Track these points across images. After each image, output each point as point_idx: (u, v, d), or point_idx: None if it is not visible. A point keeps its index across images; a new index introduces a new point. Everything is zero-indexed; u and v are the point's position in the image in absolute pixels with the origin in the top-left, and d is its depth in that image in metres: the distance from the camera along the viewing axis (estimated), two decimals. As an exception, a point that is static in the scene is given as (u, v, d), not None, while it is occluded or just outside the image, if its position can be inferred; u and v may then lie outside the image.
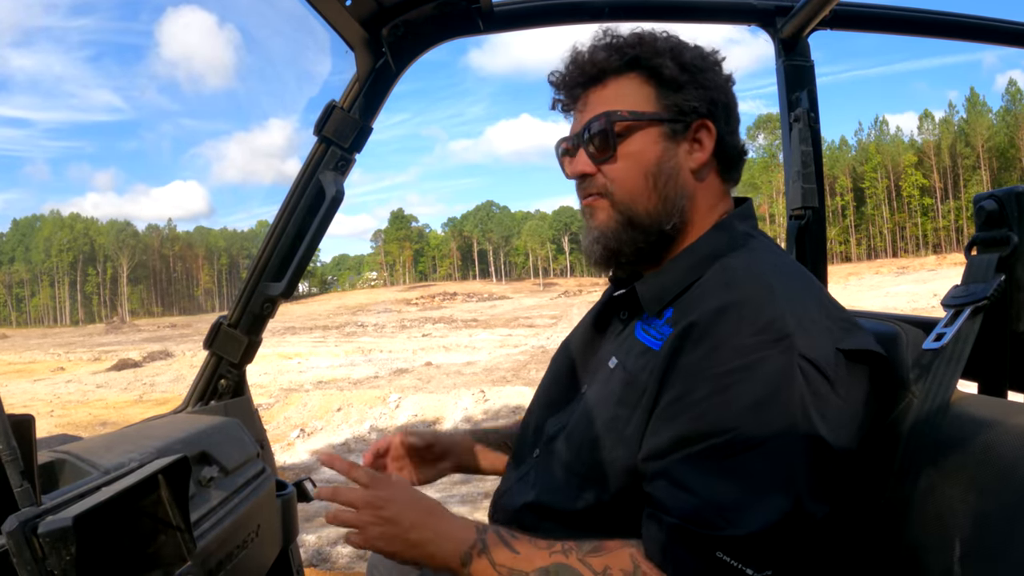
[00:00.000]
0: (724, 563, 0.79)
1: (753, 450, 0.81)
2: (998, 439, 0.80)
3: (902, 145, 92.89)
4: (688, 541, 0.81)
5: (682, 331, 0.90)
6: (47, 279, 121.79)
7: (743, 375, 0.83)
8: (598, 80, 1.03)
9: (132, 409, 11.68)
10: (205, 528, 1.22)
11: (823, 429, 0.82)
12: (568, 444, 1.02)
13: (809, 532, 0.82)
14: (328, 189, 1.57)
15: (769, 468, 0.81)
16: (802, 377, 0.82)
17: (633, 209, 1.00)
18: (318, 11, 1.37)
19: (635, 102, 1.00)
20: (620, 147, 1.00)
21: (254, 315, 1.69)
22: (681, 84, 1.00)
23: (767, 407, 0.81)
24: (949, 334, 0.96)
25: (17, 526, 0.67)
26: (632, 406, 0.93)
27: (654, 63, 1.00)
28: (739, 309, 0.87)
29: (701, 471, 0.83)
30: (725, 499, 0.81)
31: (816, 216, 1.61)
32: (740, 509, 0.80)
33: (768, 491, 0.80)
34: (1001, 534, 0.75)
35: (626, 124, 0.99)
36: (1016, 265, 0.98)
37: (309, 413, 9.10)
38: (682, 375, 0.88)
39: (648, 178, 1.00)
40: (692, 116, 1.00)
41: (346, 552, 4.27)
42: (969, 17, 1.74)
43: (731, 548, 0.79)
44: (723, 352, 0.85)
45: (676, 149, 1.01)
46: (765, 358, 0.83)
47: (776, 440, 0.81)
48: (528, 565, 0.88)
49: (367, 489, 0.95)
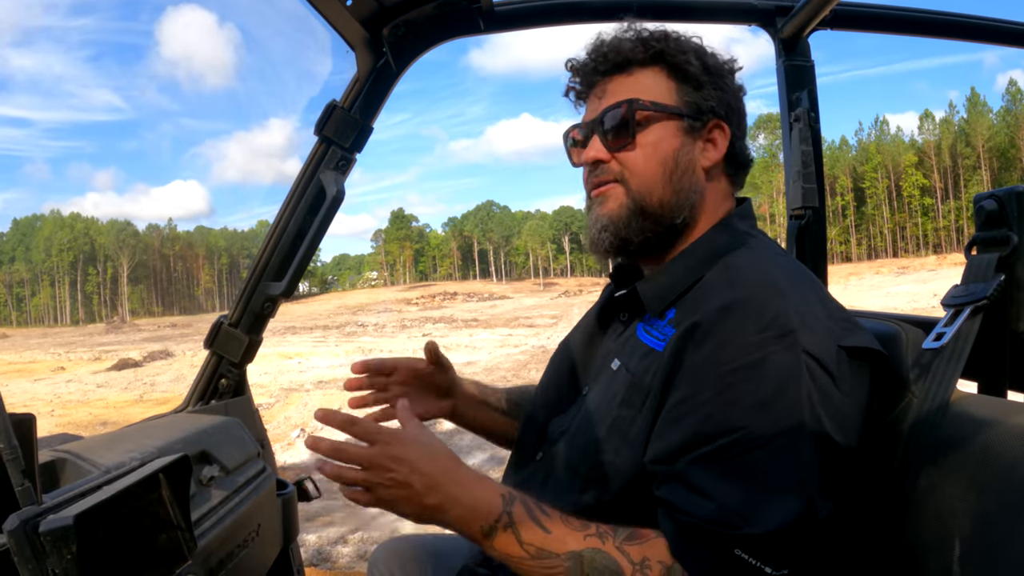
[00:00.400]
0: (743, 561, 0.79)
1: (762, 448, 0.80)
2: (998, 439, 0.80)
3: (903, 145, 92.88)
4: (707, 540, 0.80)
5: (685, 331, 0.90)
6: (47, 279, 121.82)
7: (748, 373, 0.83)
8: (622, 69, 1.03)
9: (132, 409, 11.67)
10: (206, 527, 1.22)
11: (829, 426, 0.82)
12: (571, 446, 1.01)
13: (819, 530, 0.82)
14: (329, 189, 1.57)
15: (780, 466, 0.80)
16: (808, 373, 0.82)
17: (647, 198, 1.00)
18: (319, 11, 1.37)
19: (657, 94, 1.01)
20: (640, 135, 1.00)
21: (255, 314, 1.69)
22: (702, 83, 1.01)
23: (774, 405, 0.81)
24: (949, 334, 0.96)
25: (18, 525, 0.67)
26: (636, 408, 0.93)
27: (679, 59, 1.01)
28: (743, 307, 0.87)
29: (713, 473, 0.82)
30: (740, 499, 0.80)
31: (816, 216, 1.61)
32: (755, 508, 0.79)
33: (781, 489, 0.80)
34: (1001, 533, 0.75)
35: (647, 114, 1.00)
36: (1016, 265, 0.98)
37: (309, 413, 9.09)
38: (687, 376, 0.88)
39: (665, 169, 1.00)
40: (709, 115, 1.02)
41: (347, 552, 4.27)
42: (969, 17, 1.74)
43: (749, 546, 0.79)
44: (727, 350, 0.85)
45: (692, 145, 1.02)
46: (770, 355, 0.83)
47: (784, 438, 0.80)
48: (560, 546, 0.83)
49: (375, 446, 0.86)
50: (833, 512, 0.83)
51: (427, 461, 0.85)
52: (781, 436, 0.80)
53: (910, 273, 47.45)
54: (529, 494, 1.01)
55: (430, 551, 1.37)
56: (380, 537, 4.26)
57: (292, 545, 1.79)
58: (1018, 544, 0.72)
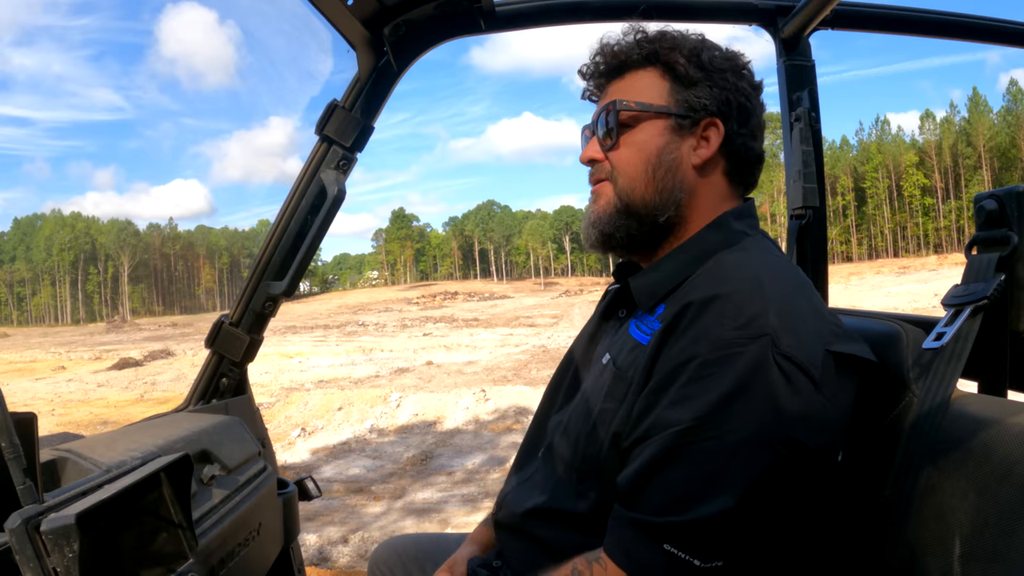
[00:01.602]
0: (672, 555, 0.82)
1: (711, 440, 0.82)
2: (998, 438, 0.81)
3: (903, 145, 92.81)
4: (638, 529, 0.85)
5: (667, 325, 0.92)
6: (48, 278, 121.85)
7: (716, 368, 0.84)
8: (620, 71, 1.06)
9: (133, 408, 11.68)
10: (207, 526, 1.22)
11: (797, 428, 0.82)
12: (566, 439, 1.04)
13: (763, 528, 0.83)
14: (330, 188, 1.57)
15: (724, 460, 0.82)
16: (780, 375, 0.82)
17: (631, 196, 1.02)
18: (320, 10, 1.37)
19: (647, 94, 1.03)
20: (624, 136, 1.03)
21: (256, 314, 1.69)
22: (694, 81, 1.02)
23: (734, 401, 0.82)
24: (949, 333, 0.97)
25: (20, 523, 0.67)
26: (619, 400, 0.95)
27: (671, 58, 1.02)
28: (723, 303, 0.88)
29: (661, 458, 0.85)
30: (678, 486, 0.83)
31: (817, 216, 1.61)
32: (688, 497, 0.82)
33: (719, 482, 0.81)
34: (1001, 533, 0.75)
35: (631, 114, 1.03)
36: (1016, 265, 0.98)
37: (310, 412, 9.10)
38: (663, 366, 0.90)
39: (648, 167, 1.02)
40: (702, 113, 1.02)
41: (347, 551, 4.27)
42: (970, 17, 1.73)
43: (676, 537, 0.82)
44: (701, 344, 0.86)
45: (681, 143, 1.02)
46: (740, 353, 0.84)
47: (737, 434, 0.82)
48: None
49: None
50: (787, 511, 0.84)
51: None
52: (734, 432, 0.82)
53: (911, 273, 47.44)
54: (533, 494, 1.02)
55: (430, 550, 1.37)
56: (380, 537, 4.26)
57: (293, 544, 1.79)
58: (1018, 544, 0.72)
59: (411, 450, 6.94)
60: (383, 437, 7.72)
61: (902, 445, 0.92)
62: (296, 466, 6.52)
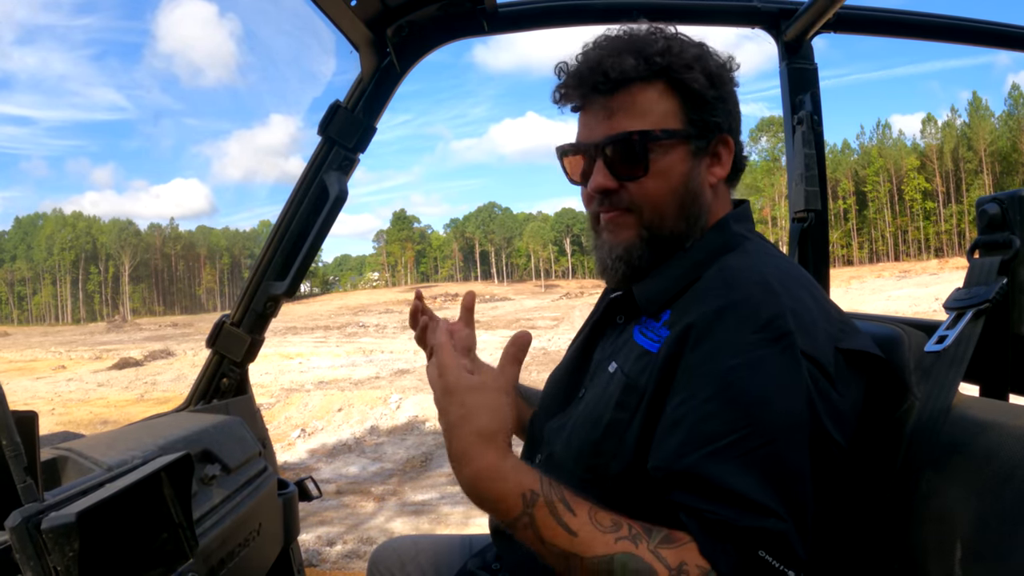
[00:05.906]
0: (766, 563, 0.76)
1: (768, 445, 0.79)
2: (999, 442, 0.80)
3: (904, 149, 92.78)
4: (733, 536, 0.78)
5: (680, 333, 0.89)
6: (49, 277, 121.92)
7: (747, 372, 0.82)
8: (621, 86, 0.97)
9: (133, 408, 11.68)
10: (207, 526, 1.22)
11: (829, 425, 0.83)
12: (568, 448, 1.01)
13: (814, 528, 0.81)
14: (331, 189, 1.57)
15: (786, 463, 0.79)
16: (806, 374, 0.82)
17: (660, 229, 0.99)
18: (323, 11, 1.37)
19: (663, 116, 0.97)
20: (651, 165, 0.97)
21: (257, 314, 1.69)
22: (708, 99, 0.98)
23: (775, 402, 0.81)
24: (951, 337, 0.97)
25: (21, 522, 0.67)
26: (632, 410, 0.92)
27: (684, 76, 0.96)
28: (738, 309, 0.87)
29: (729, 467, 0.79)
30: (760, 493, 0.77)
31: (819, 219, 1.61)
32: (773, 503, 0.77)
33: (791, 486, 0.79)
34: (1002, 536, 0.75)
35: (656, 143, 0.97)
36: (1018, 268, 0.98)
37: (310, 413, 9.10)
38: (684, 378, 0.87)
39: (676, 197, 0.98)
40: (715, 132, 1.00)
41: (346, 552, 4.27)
42: (972, 21, 1.74)
43: (771, 545, 0.77)
44: (724, 352, 0.84)
45: (699, 166, 1.00)
46: (767, 356, 0.83)
47: (787, 435, 0.80)
48: (586, 549, 0.78)
49: (441, 375, 0.84)
50: (830, 512, 0.83)
51: (475, 411, 0.81)
52: (784, 433, 0.80)
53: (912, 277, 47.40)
54: None
55: (430, 551, 1.37)
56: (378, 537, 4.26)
57: (293, 544, 1.79)
58: (1020, 547, 0.72)
59: (411, 451, 6.94)
60: (383, 438, 7.72)
61: (904, 448, 0.92)
62: (296, 466, 6.52)
